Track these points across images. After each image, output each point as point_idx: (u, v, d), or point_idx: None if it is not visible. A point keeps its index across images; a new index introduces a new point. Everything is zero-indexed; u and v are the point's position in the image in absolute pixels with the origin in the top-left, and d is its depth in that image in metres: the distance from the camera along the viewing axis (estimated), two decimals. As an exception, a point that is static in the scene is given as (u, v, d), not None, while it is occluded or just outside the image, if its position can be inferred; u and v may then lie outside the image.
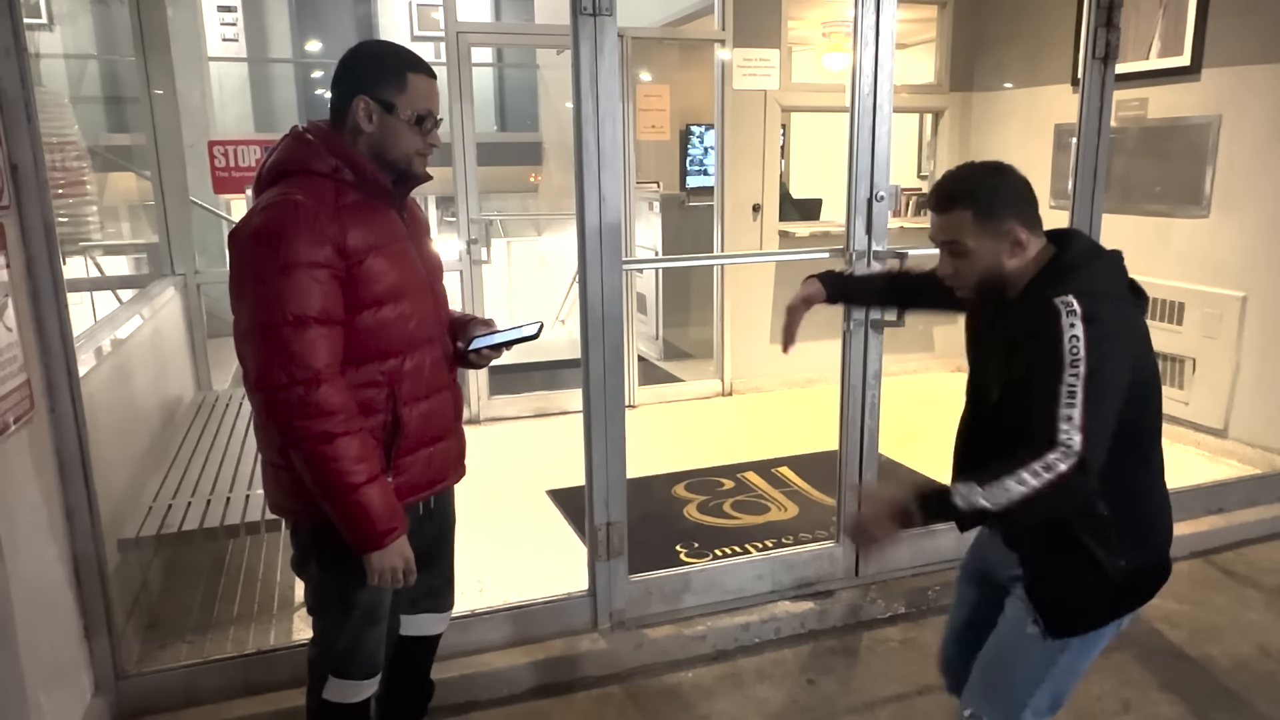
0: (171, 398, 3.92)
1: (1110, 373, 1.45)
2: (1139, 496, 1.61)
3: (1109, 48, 3.08)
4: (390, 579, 1.72)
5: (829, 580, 3.11)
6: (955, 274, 1.64)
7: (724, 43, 5.11)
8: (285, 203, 1.61)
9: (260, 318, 1.59)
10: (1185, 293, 4.40)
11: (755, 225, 5.46)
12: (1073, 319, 1.46)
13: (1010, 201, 1.59)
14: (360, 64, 1.71)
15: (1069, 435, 1.42)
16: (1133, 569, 1.58)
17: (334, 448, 1.60)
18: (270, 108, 10.49)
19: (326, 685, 1.89)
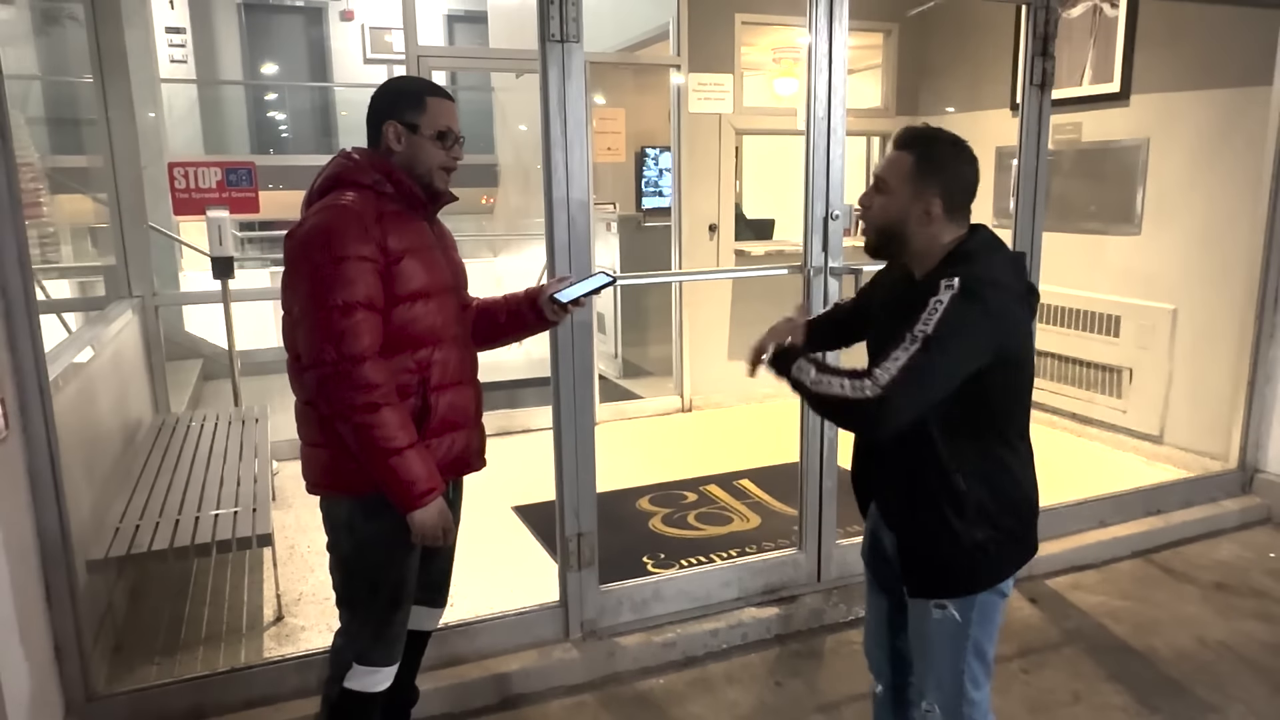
0: (132, 420, 3.89)
1: (949, 349, 1.56)
2: (996, 477, 1.71)
3: (1045, 75, 3.27)
4: (431, 536, 1.90)
5: (793, 586, 3.21)
6: (869, 209, 1.75)
7: (679, 68, 5.25)
8: (337, 206, 1.85)
9: (313, 304, 1.80)
10: (1121, 306, 4.63)
11: (712, 244, 5.60)
12: (947, 293, 1.58)
13: (948, 178, 1.69)
14: (386, 95, 1.97)
15: (883, 375, 1.56)
16: (986, 542, 1.70)
17: (379, 416, 1.81)
18: (221, 130, 10.38)
19: (350, 673, 2.02)
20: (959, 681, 1.80)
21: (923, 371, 1.55)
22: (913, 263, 1.76)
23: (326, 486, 1.97)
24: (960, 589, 1.74)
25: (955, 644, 1.77)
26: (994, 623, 1.80)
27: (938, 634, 1.78)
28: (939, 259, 1.71)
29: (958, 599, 1.75)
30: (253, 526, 2.84)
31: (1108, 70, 4.60)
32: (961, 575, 1.74)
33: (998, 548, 1.73)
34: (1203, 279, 4.27)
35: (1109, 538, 3.68)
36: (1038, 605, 3.28)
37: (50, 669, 2.32)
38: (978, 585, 1.74)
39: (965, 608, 1.75)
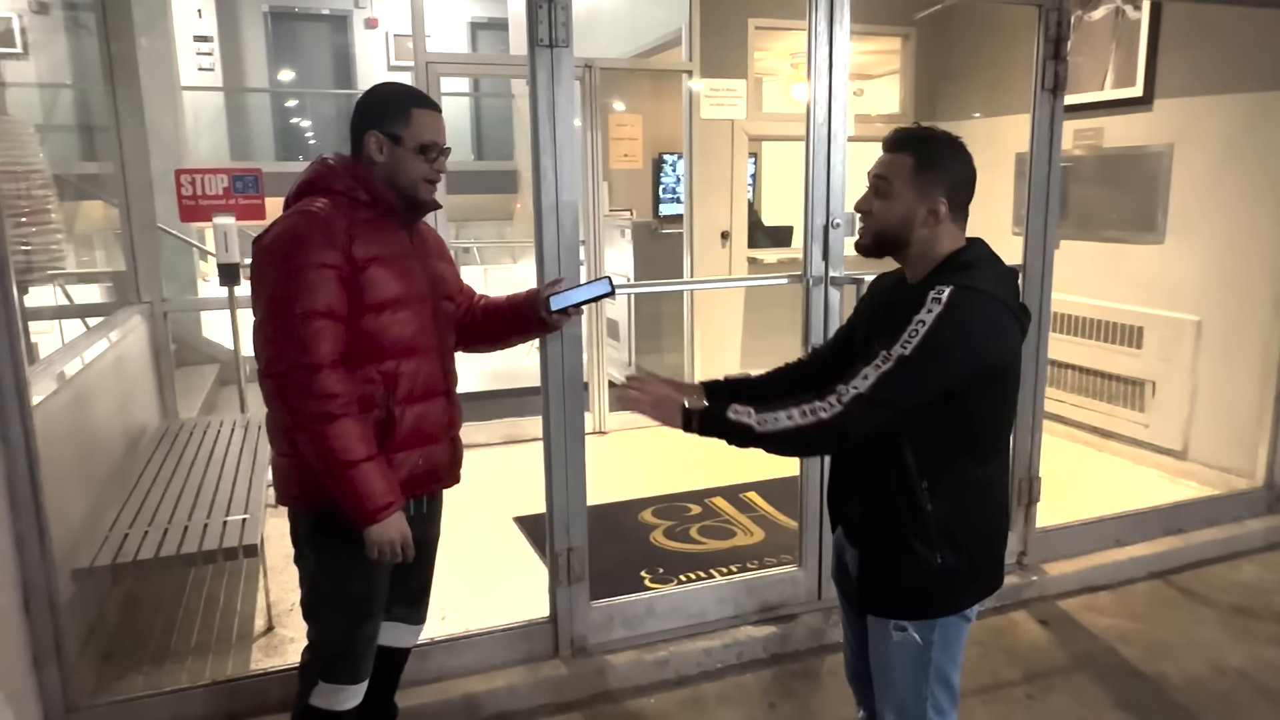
0: (135, 426, 3.90)
1: (922, 372, 1.52)
2: (965, 502, 1.64)
3: (1058, 79, 3.17)
4: (389, 552, 1.84)
5: (791, 604, 3.12)
6: (869, 213, 1.68)
7: (691, 74, 5.20)
8: (303, 212, 1.82)
9: (272, 310, 1.78)
10: (1143, 317, 4.49)
11: (724, 252, 5.53)
12: (934, 306, 1.52)
13: (951, 176, 1.64)
14: (371, 103, 1.93)
15: (846, 392, 1.53)
16: (949, 570, 1.62)
17: (335, 427, 1.77)
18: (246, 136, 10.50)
19: (315, 690, 1.97)
20: (921, 709, 1.72)
21: (889, 393, 1.52)
22: (907, 266, 1.71)
23: (291, 498, 1.94)
24: (913, 612, 1.67)
25: (917, 668, 1.70)
26: (958, 646, 1.73)
27: (898, 657, 1.70)
28: (934, 265, 1.65)
29: (916, 621, 1.67)
30: (240, 537, 2.81)
31: (1130, 74, 4.47)
32: (917, 599, 1.66)
33: (959, 577, 1.65)
34: (1228, 289, 4.12)
35: (1125, 558, 3.55)
36: (1047, 627, 3.17)
37: (28, 678, 2.31)
38: (933, 611, 1.67)
39: (926, 630, 1.67)
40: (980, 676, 2.87)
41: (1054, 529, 3.52)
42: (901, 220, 1.64)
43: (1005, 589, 3.28)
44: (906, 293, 1.65)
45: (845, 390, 1.53)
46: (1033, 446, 3.37)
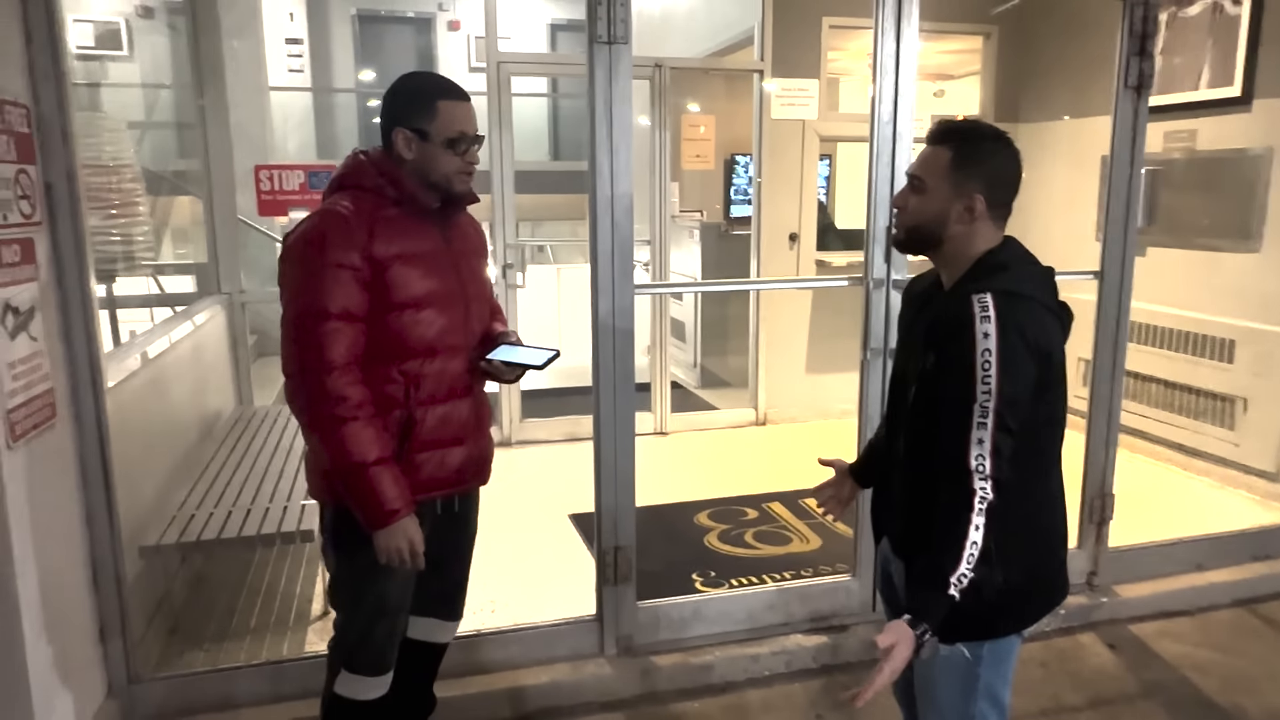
0: (210, 412, 4.05)
1: (1019, 385, 1.45)
2: (1029, 512, 1.56)
3: (1142, 76, 3.02)
4: (396, 558, 1.82)
5: (844, 614, 3.05)
6: (904, 209, 1.63)
7: (763, 74, 5.13)
8: (326, 212, 1.81)
9: (290, 311, 1.79)
10: (1235, 329, 4.24)
11: (792, 254, 5.44)
12: (986, 324, 1.45)
13: (990, 173, 1.57)
14: (396, 99, 1.88)
15: (981, 462, 1.44)
16: (1009, 589, 1.52)
17: (346, 429, 1.76)
18: (331, 135, 10.82)
19: (339, 678, 1.98)
20: None
21: (1007, 433, 1.45)
22: (942, 267, 1.65)
23: (318, 494, 1.95)
24: (971, 633, 1.58)
25: (964, 685, 1.62)
26: (1009, 663, 1.65)
27: (944, 672, 1.62)
28: (969, 265, 1.58)
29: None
30: (299, 522, 2.89)
31: (1227, 73, 4.22)
32: (974, 620, 1.56)
33: (1018, 594, 1.57)
34: (1330, 302, 3.86)
35: (1205, 583, 3.35)
36: (1116, 651, 3.02)
37: (94, 650, 2.41)
38: (992, 632, 1.59)
39: (975, 645, 1.59)
40: (1040, 699, 2.75)
41: (1128, 549, 3.35)
42: (936, 216, 1.58)
43: (1072, 609, 3.15)
44: (946, 304, 1.58)
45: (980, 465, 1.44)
46: (1106, 461, 3.21)
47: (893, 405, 1.78)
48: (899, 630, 1.43)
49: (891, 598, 1.84)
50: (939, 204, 1.57)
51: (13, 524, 1.81)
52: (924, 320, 1.63)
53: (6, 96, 2.01)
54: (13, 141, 2.02)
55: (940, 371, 1.52)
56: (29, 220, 2.08)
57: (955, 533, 1.44)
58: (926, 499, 1.57)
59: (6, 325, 1.94)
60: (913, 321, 1.74)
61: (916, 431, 1.61)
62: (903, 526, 1.68)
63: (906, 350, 1.72)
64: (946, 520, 1.46)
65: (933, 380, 1.54)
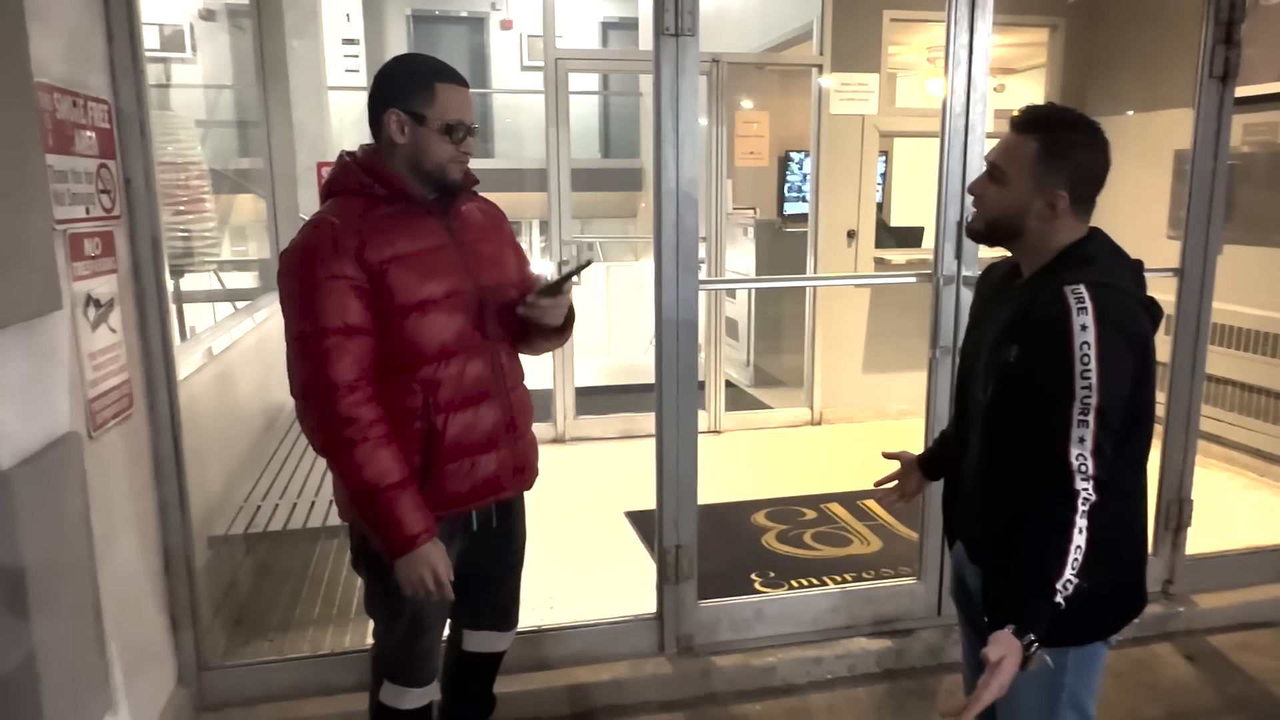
0: (274, 405, 4.11)
1: (1119, 379, 1.39)
2: (1118, 516, 1.48)
3: (1228, 66, 2.91)
4: (420, 588, 1.70)
5: (908, 618, 2.98)
6: (982, 198, 1.56)
7: (822, 68, 5.06)
8: (313, 223, 1.71)
9: (291, 331, 1.69)
10: (1319, 330, 4.07)
11: (850, 251, 5.36)
12: (1083, 317, 1.38)
13: (1077, 168, 1.49)
14: (390, 79, 1.75)
15: (1083, 461, 1.37)
16: (1093, 592, 1.43)
17: (358, 454, 1.64)
18: (388, 134, 10.99)
19: (382, 688, 1.92)
20: None
21: (1110, 430, 1.40)
22: (1022, 257, 1.59)
23: (345, 513, 1.86)
24: (1059, 640, 1.50)
25: (1049, 694, 1.56)
26: (1095, 671, 1.59)
27: (1029, 683, 1.55)
28: (1052, 256, 1.52)
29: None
30: (362, 514, 2.91)
31: (1313, 63, 4.05)
32: (1062, 626, 1.47)
33: (1103, 599, 1.50)
34: None
35: (1289, 594, 3.22)
36: (1194, 664, 2.91)
37: (166, 637, 2.45)
38: (1075, 639, 1.53)
39: (1059, 652, 1.52)
40: (1116, 711, 2.66)
41: (1206, 557, 3.22)
42: (1015, 209, 1.51)
43: (1148, 619, 3.04)
44: (1029, 290, 1.52)
45: (1082, 466, 1.38)
46: (1185, 466, 3.10)
47: (961, 399, 1.72)
48: (1006, 642, 1.36)
49: (965, 604, 1.79)
50: (1019, 197, 1.51)
51: (96, 513, 1.84)
52: (1002, 312, 1.56)
53: (90, 93, 2.05)
54: (95, 136, 2.05)
55: (1029, 366, 1.46)
56: (109, 214, 2.12)
57: (1058, 536, 1.37)
58: (1009, 501, 1.52)
59: (89, 316, 1.97)
60: (984, 311, 1.68)
61: (1000, 429, 1.55)
62: (982, 530, 1.62)
63: (976, 341, 1.66)
64: (1047, 523, 1.39)
65: (1017, 375, 1.48)
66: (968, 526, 1.68)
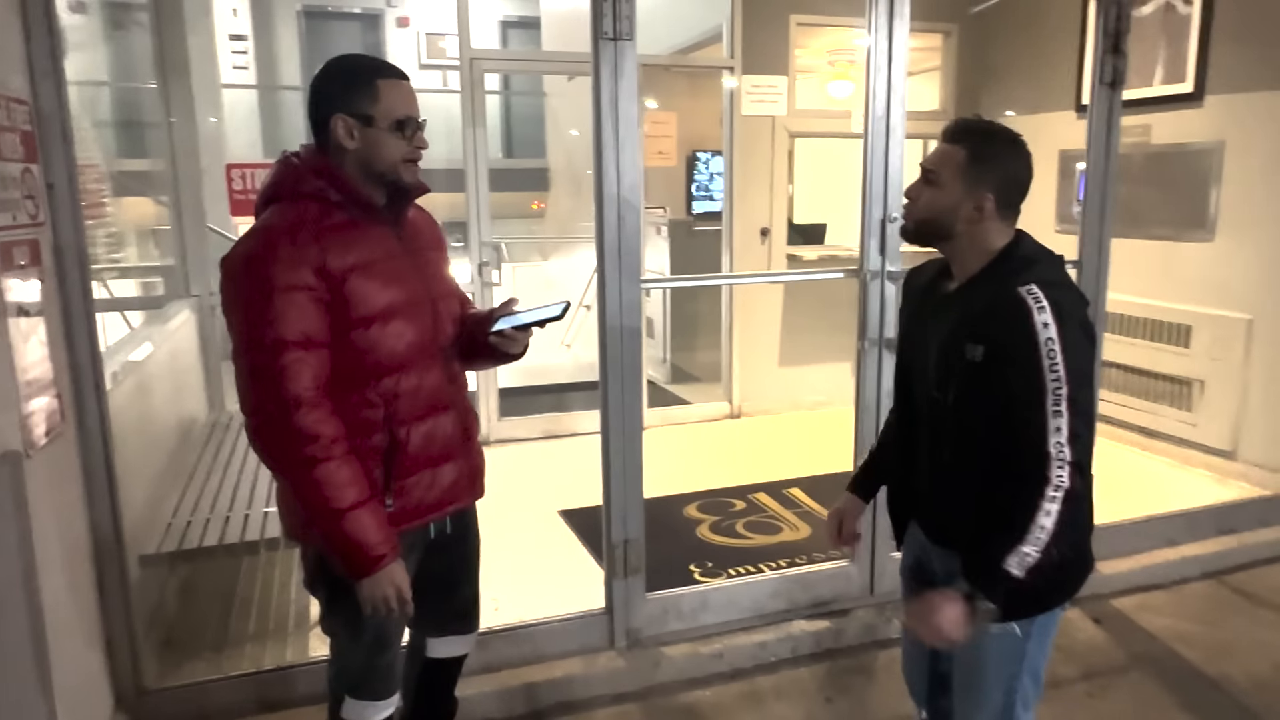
0: (187, 417, 3.95)
1: (1084, 366, 1.50)
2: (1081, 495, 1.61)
3: (1116, 74, 3.14)
4: (383, 608, 1.68)
5: (844, 599, 3.12)
6: (915, 201, 1.67)
7: (733, 70, 5.19)
8: (265, 229, 1.63)
9: (242, 343, 1.61)
10: (1192, 315, 4.44)
11: (763, 249, 5.52)
12: (1043, 315, 1.49)
13: (1003, 175, 1.61)
14: (330, 83, 1.69)
15: (1060, 449, 1.48)
16: (1062, 563, 1.56)
17: (318, 473, 1.59)
18: (279, 134, 10.59)
19: (344, 705, 1.88)
20: (1010, 703, 1.71)
21: (1083, 417, 1.50)
22: (952, 258, 1.69)
23: (297, 534, 1.80)
24: (1033, 608, 1.64)
25: (1011, 662, 1.68)
26: (1051, 637, 1.72)
27: (994, 652, 1.68)
28: (985, 261, 1.63)
29: None
30: (300, 525, 2.84)
31: (1180, 69, 4.42)
32: (1032, 599, 1.62)
33: (1072, 567, 1.64)
34: (1281, 288, 4.07)
35: (1178, 557, 3.51)
36: (1102, 626, 3.14)
37: (101, 662, 2.35)
38: (1045, 605, 1.66)
39: (1026, 622, 1.65)
40: (1037, 674, 2.85)
41: (1105, 527, 3.44)
42: (946, 212, 1.62)
43: (1059, 587, 3.27)
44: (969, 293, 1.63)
45: (1059, 453, 1.48)
46: (1087, 444, 3.34)
47: (906, 395, 1.83)
48: (956, 602, 1.49)
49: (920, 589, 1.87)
50: (950, 200, 1.62)
51: (36, 536, 1.75)
52: (949, 314, 1.65)
53: (10, 94, 1.95)
54: (19, 139, 1.95)
55: (998, 365, 1.54)
56: (34, 221, 2.02)
57: (1028, 517, 1.48)
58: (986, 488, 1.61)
59: (21, 329, 1.87)
60: (921, 311, 1.78)
61: (969, 426, 1.63)
62: (951, 516, 1.71)
63: (918, 341, 1.76)
64: (1022, 505, 1.50)
65: (984, 374, 1.57)
66: (925, 513, 1.78)
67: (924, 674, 1.93)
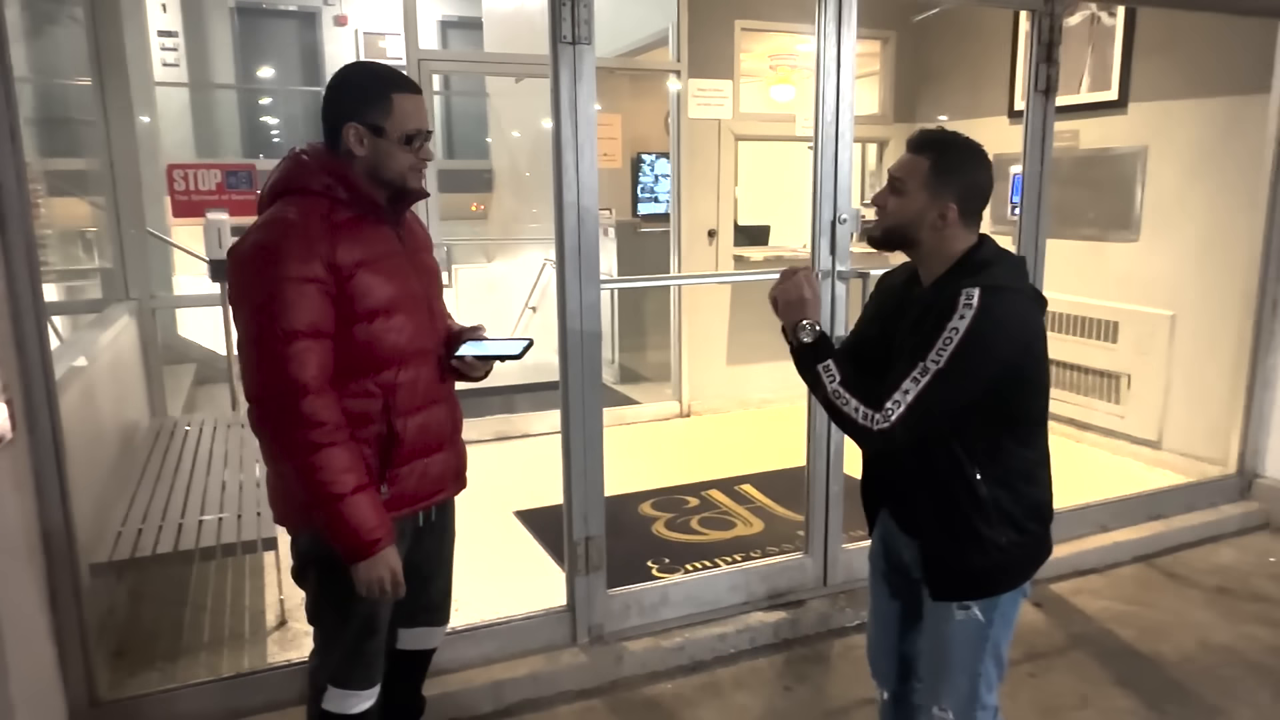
0: (129, 423, 3.85)
1: (958, 381, 1.60)
2: (1018, 481, 1.73)
3: (1050, 81, 3.29)
4: (378, 590, 1.74)
5: (800, 590, 3.20)
6: (883, 209, 1.76)
7: (679, 74, 5.26)
8: (277, 220, 1.69)
9: (252, 331, 1.66)
10: (1119, 312, 4.65)
11: (711, 250, 5.60)
12: (965, 312, 1.60)
13: (965, 184, 1.69)
14: (345, 91, 1.76)
15: (892, 410, 1.61)
16: (1010, 545, 1.71)
17: (320, 458, 1.66)
18: (213, 133, 10.33)
19: (326, 695, 1.91)
20: (974, 685, 1.79)
21: (929, 405, 1.60)
22: (920, 264, 1.78)
23: (290, 521, 1.85)
24: (986, 591, 1.74)
25: (975, 646, 1.77)
26: (1013, 622, 1.81)
27: (959, 635, 1.77)
28: (949, 265, 1.72)
29: (981, 600, 1.74)
30: (258, 530, 2.81)
31: (1105, 78, 4.63)
32: (987, 578, 1.73)
33: (1021, 550, 1.74)
34: (1201, 285, 4.30)
35: (1111, 542, 3.69)
36: (1043, 610, 3.29)
37: (54, 673, 2.29)
38: (1001, 587, 1.75)
39: (988, 608, 1.74)
40: (984, 657, 2.97)
41: (1046, 515, 3.63)
42: (912, 220, 1.71)
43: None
44: (931, 294, 1.72)
45: (891, 408, 1.61)
46: (1025, 436, 3.48)
47: None
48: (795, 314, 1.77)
49: (888, 574, 1.96)
50: (916, 208, 1.70)
51: (-6, 544, 1.72)
52: (912, 312, 1.74)
53: (-41, 91, 1.89)
54: (-32, 138, 1.90)
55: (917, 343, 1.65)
56: (-16, 222, 1.96)
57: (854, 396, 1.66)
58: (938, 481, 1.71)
59: (-26, 333, 1.83)
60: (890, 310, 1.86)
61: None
62: (917, 506, 1.79)
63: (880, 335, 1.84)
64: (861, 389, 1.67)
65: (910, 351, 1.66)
66: (900, 502, 1.86)
67: (890, 657, 2.00)
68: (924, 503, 1.76)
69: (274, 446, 1.71)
